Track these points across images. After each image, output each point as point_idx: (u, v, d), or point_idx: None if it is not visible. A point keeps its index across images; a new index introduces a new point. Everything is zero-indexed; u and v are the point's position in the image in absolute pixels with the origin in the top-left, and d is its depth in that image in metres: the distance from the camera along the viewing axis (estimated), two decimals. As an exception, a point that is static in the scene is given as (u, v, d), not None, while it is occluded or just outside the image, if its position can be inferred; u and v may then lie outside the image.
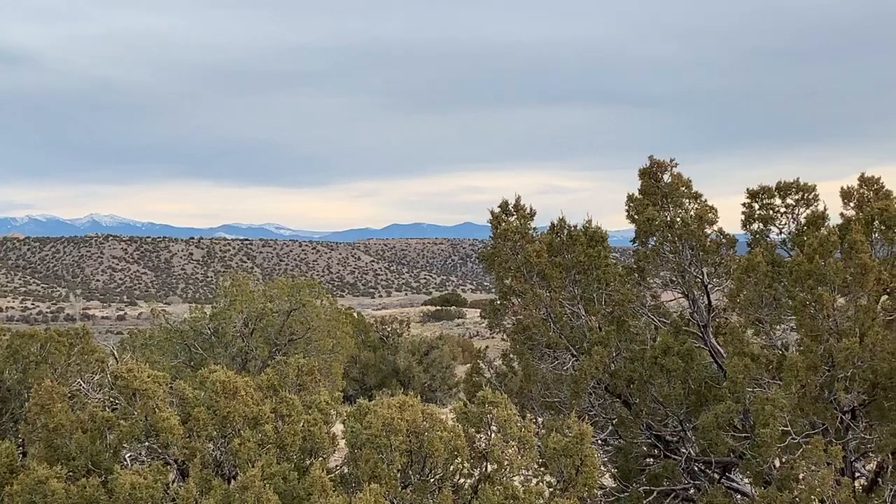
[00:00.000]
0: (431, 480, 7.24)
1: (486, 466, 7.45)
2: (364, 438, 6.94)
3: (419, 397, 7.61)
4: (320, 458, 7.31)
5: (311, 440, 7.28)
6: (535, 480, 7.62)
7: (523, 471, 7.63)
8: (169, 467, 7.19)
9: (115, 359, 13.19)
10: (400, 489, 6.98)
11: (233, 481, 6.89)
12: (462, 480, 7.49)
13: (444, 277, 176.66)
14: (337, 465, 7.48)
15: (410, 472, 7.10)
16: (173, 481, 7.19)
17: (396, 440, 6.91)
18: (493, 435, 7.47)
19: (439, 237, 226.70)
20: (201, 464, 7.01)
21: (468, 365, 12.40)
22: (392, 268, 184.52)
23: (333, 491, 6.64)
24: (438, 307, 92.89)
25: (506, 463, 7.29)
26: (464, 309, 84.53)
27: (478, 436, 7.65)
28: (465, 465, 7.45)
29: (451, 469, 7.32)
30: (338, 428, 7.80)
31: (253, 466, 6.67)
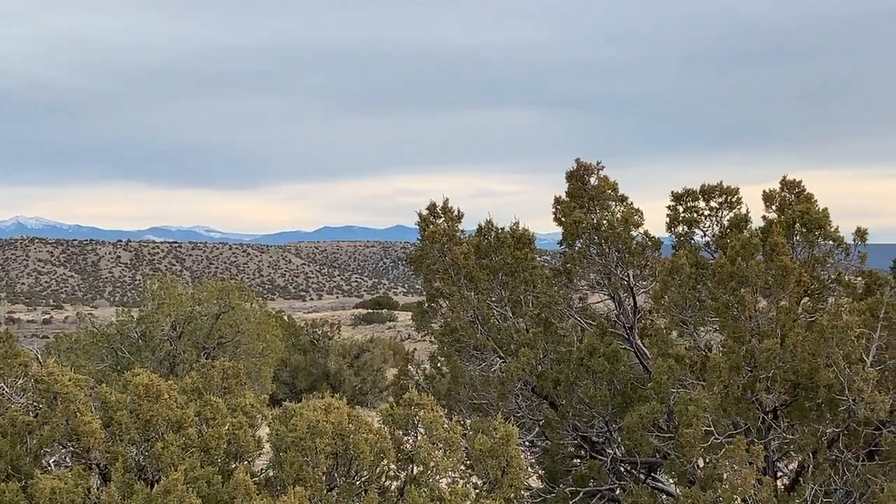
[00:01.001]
0: (357, 483, 7.23)
1: (413, 468, 7.45)
2: (289, 441, 6.92)
3: (348, 400, 7.60)
4: (245, 462, 7.27)
5: (235, 443, 7.23)
6: (461, 482, 7.64)
7: (450, 472, 7.64)
8: (90, 471, 7.10)
9: (39, 363, 13.01)
10: (325, 492, 6.96)
11: (156, 485, 6.82)
12: (388, 482, 7.49)
13: (376, 280, 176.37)
14: (262, 469, 7.44)
15: (336, 475, 7.08)
16: (96, 486, 7.10)
17: (322, 443, 6.89)
18: (419, 437, 7.48)
19: (371, 240, 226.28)
20: (123, 468, 6.93)
21: (399, 367, 12.40)
22: (323, 271, 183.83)
23: (258, 494, 6.61)
24: (370, 310, 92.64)
25: (432, 465, 7.29)
26: (395, 312, 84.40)
27: (405, 438, 7.66)
28: (392, 467, 7.45)
29: (378, 471, 7.31)
30: (264, 431, 7.76)
31: (176, 470, 6.62)
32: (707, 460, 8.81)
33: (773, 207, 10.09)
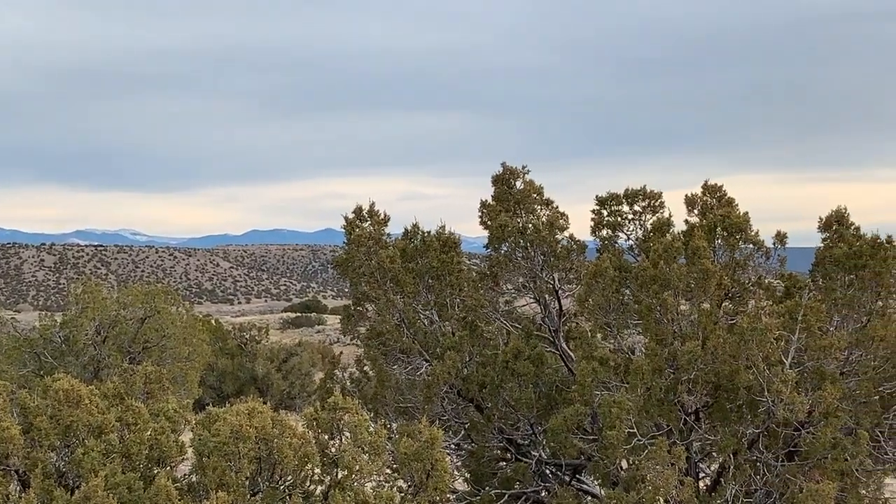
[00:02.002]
0: (281, 488, 7.20)
1: (338, 473, 7.44)
2: (212, 446, 6.87)
3: (276, 404, 7.57)
4: (168, 467, 7.21)
5: (158, 449, 7.17)
6: (386, 486, 7.64)
7: (375, 476, 7.64)
8: (9, 478, 7.00)
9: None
10: (248, 497, 6.93)
11: (76, 492, 6.74)
12: (313, 487, 7.47)
13: (305, 284, 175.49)
14: (185, 474, 7.38)
15: (259, 480, 7.05)
16: (15, 492, 7.00)
17: (245, 447, 6.86)
18: (344, 441, 7.47)
19: (300, 243, 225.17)
20: (43, 474, 6.84)
21: (326, 371, 12.35)
22: (251, 274, 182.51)
23: (180, 500, 6.56)
24: (298, 314, 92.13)
25: (356, 468, 7.29)
26: (324, 315, 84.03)
27: (330, 442, 7.64)
28: (316, 471, 7.43)
29: (302, 476, 7.29)
30: (188, 436, 7.70)
31: (96, 476, 6.54)
32: (630, 462, 8.90)
33: (696, 211, 10.22)
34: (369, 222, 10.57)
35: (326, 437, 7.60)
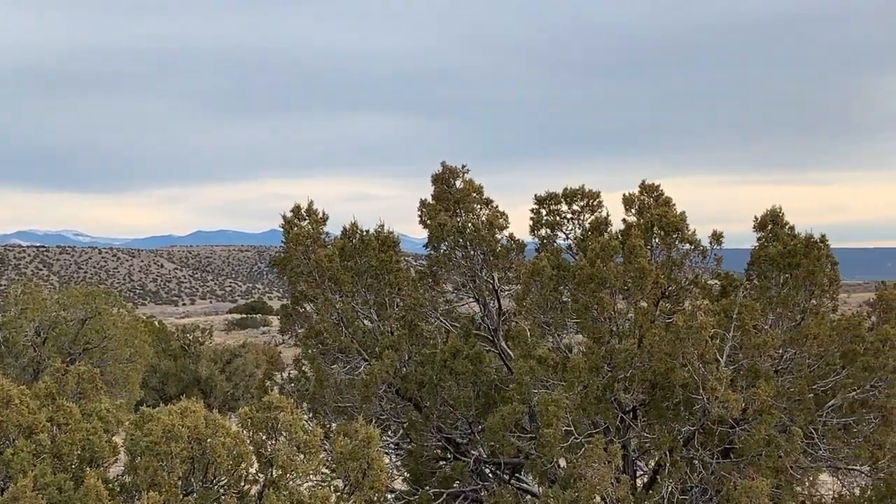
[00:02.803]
0: (215, 487, 7.15)
1: (272, 472, 7.39)
2: (143, 446, 6.81)
3: (220, 406, 7.51)
4: (100, 468, 7.12)
5: (90, 449, 7.09)
6: (322, 485, 7.61)
7: (311, 476, 7.61)
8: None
9: None
10: (182, 497, 6.87)
11: (4, 492, 6.64)
12: (248, 487, 7.42)
13: (251, 285, 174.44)
14: (118, 475, 7.31)
15: (193, 480, 6.99)
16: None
17: (177, 447, 6.80)
18: (279, 440, 7.42)
19: (246, 244, 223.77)
20: (-29, 475, 6.74)
21: (264, 371, 12.28)
22: (196, 275, 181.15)
23: (111, 500, 6.48)
24: (244, 315, 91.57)
25: (291, 468, 7.25)
26: (269, 317, 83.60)
27: (266, 441, 7.59)
28: (251, 471, 7.39)
29: (236, 475, 7.24)
30: (122, 436, 7.62)
31: (25, 476, 6.46)
32: (568, 460, 8.92)
33: (633, 211, 10.26)
34: (308, 221, 10.52)
35: (262, 436, 7.55)
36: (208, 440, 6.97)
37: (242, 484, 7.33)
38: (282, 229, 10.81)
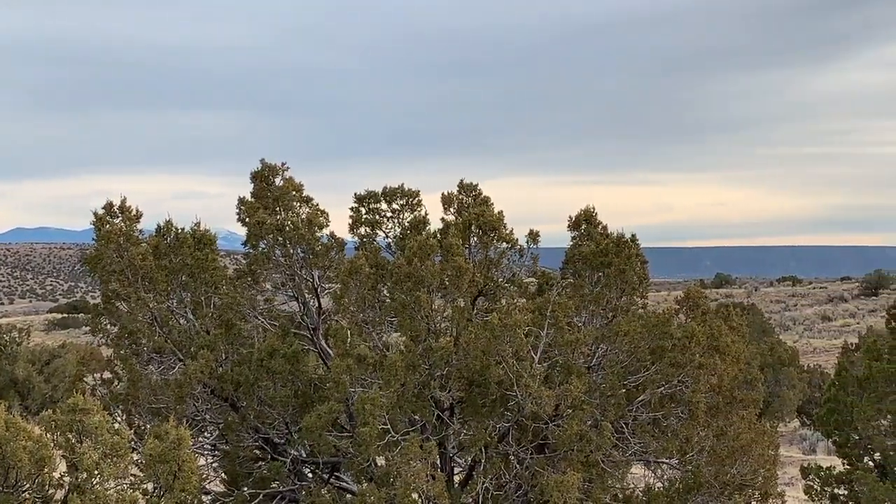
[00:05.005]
0: (17, 493, 6.91)
1: (77, 476, 7.18)
2: (-63, 451, 6.53)
3: (38, 408, 7.25)
4: None
5: None
6: (130, 489, 7.42)
7: (119, 479, 7.42)
8: None
9: None
10: (-21, 503, 6.61)
11: None
12: (52, 491, 7.20)
13: (73, 284, 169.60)
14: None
15: (-9, 485, 6.74)
16: None
17: (-26, 452, 6.54)
18: (84, 443, 7.22)
19: (68, 242, 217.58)
20: None
21: (75, 373, 11.92)
22: (15, 274, 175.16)
23: None
24: (65, 314, 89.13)
25: (96, 471, 7.05)
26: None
27: (73, 444, 7.37)
28: (55, 475, 7.16)
29: (39, 480, 7.01)
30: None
31: None
32: (386, 458, 8.94)
33: (452, 210, 10.36)
34: (121, 218, 10.27)
35: (70, 439, 7.34)
36: (9, 444, 6.72)
37: (47, 488, 7.10)
38: (93, 227, 10.52)
